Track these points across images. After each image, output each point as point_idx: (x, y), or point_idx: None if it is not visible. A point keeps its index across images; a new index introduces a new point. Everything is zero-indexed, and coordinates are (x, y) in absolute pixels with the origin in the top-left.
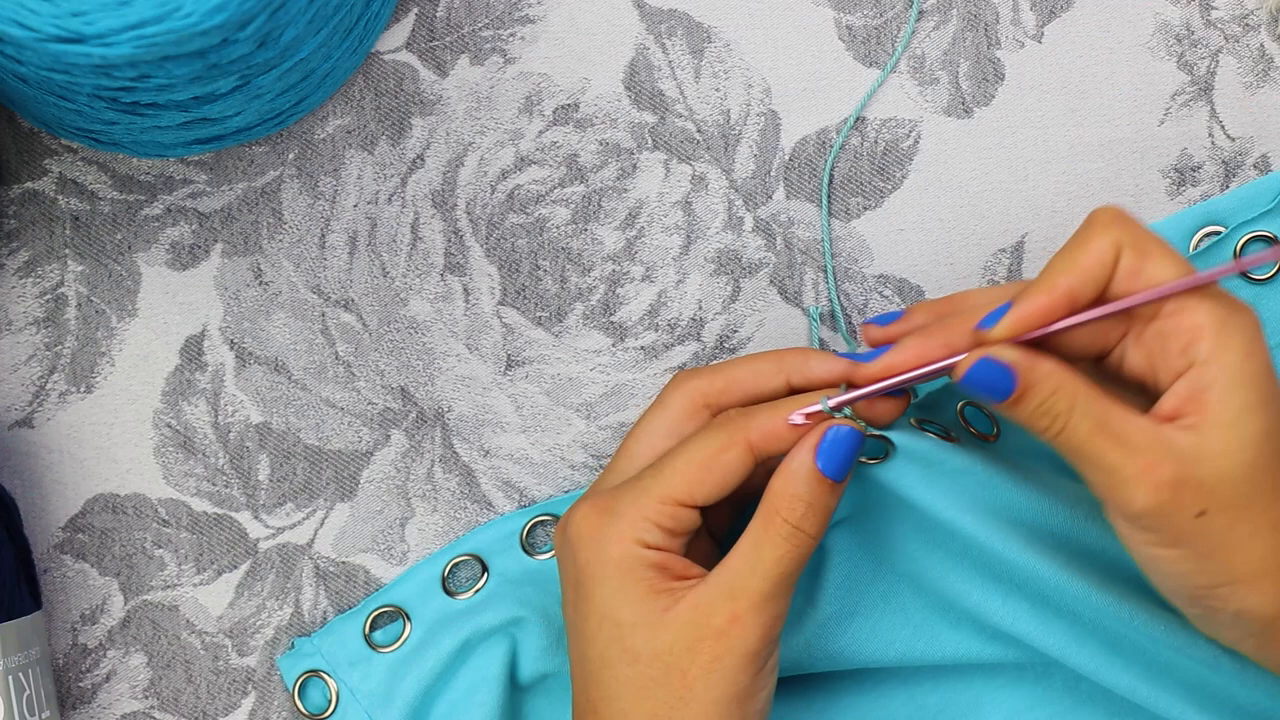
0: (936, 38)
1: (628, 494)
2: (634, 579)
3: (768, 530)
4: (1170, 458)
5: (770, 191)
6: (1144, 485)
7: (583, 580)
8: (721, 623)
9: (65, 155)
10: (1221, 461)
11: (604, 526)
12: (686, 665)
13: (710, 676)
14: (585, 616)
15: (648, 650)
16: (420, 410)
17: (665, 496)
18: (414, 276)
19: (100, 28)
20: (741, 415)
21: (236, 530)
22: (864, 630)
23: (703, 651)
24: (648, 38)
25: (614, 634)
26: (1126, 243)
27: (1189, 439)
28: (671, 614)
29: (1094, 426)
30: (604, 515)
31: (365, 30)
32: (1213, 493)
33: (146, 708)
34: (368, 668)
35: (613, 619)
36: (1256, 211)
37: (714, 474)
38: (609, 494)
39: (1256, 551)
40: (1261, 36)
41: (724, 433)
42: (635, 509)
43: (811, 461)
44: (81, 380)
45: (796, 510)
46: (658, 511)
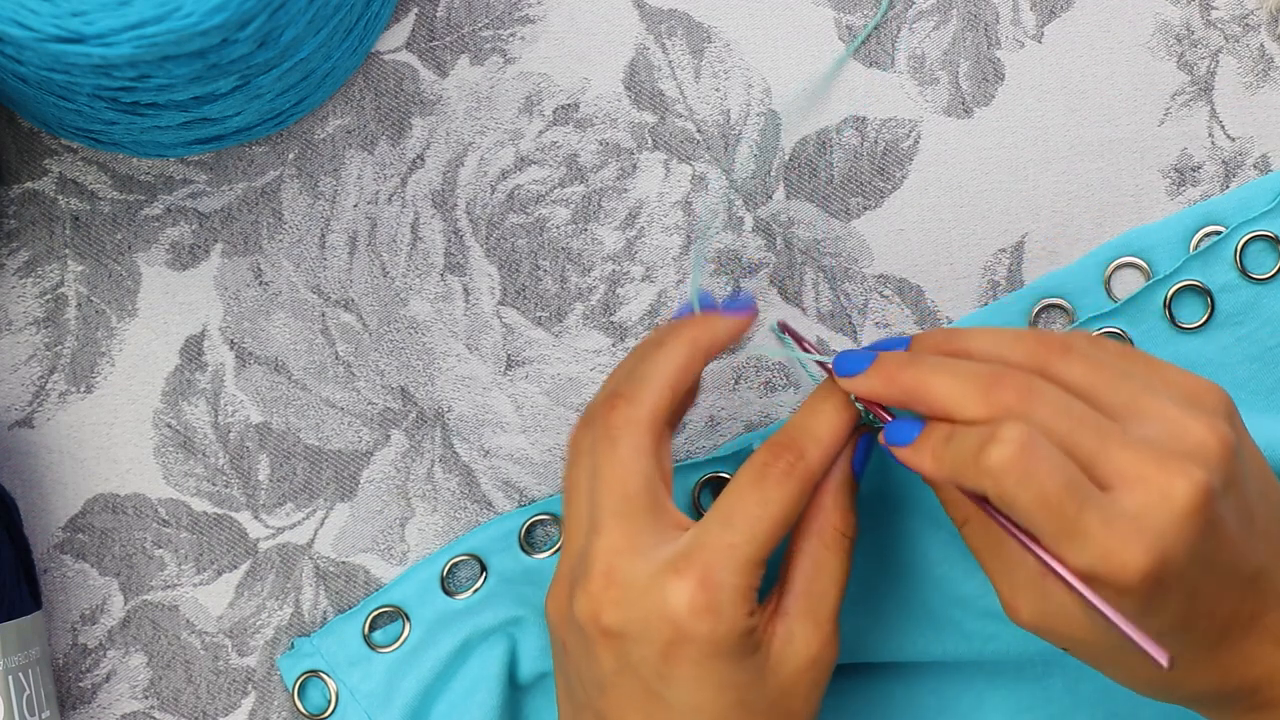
0: (936, 38)
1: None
2: (750, 646)
3: (830, 549)
4: (1037, 606)
5: (770, 191)
6: (1009, 613)
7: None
8: (817, 649)
9: (65, 155)
10: (1081, 633)
11: (714, 599)
12: (792, 701)
13: (810, 701)
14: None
15: (762, 700)
16: (420, 410)
17: (758, 561)
18: (414, 276)
19: (100, 28)
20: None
21: (236, 530)
22: (862, 626)
23: (804, 682)
24: (648, 38)
25: (734, 697)
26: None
27: (1062, 600)
28: (773, 662)
29: (980, 546)
30: (710, 589)
31: (365, 30)
32: (1073, 646)
33: (146, 708)
34: (367, 668)
35: (731, 684)
36: (1256, 211)
37: (789, 526)
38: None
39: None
40: (1261, 36)
41: (796, 483)
42: (738, 579)
43: (851, 473)
44: (81, 380)
45: (849, 523)
46: (755, 577)
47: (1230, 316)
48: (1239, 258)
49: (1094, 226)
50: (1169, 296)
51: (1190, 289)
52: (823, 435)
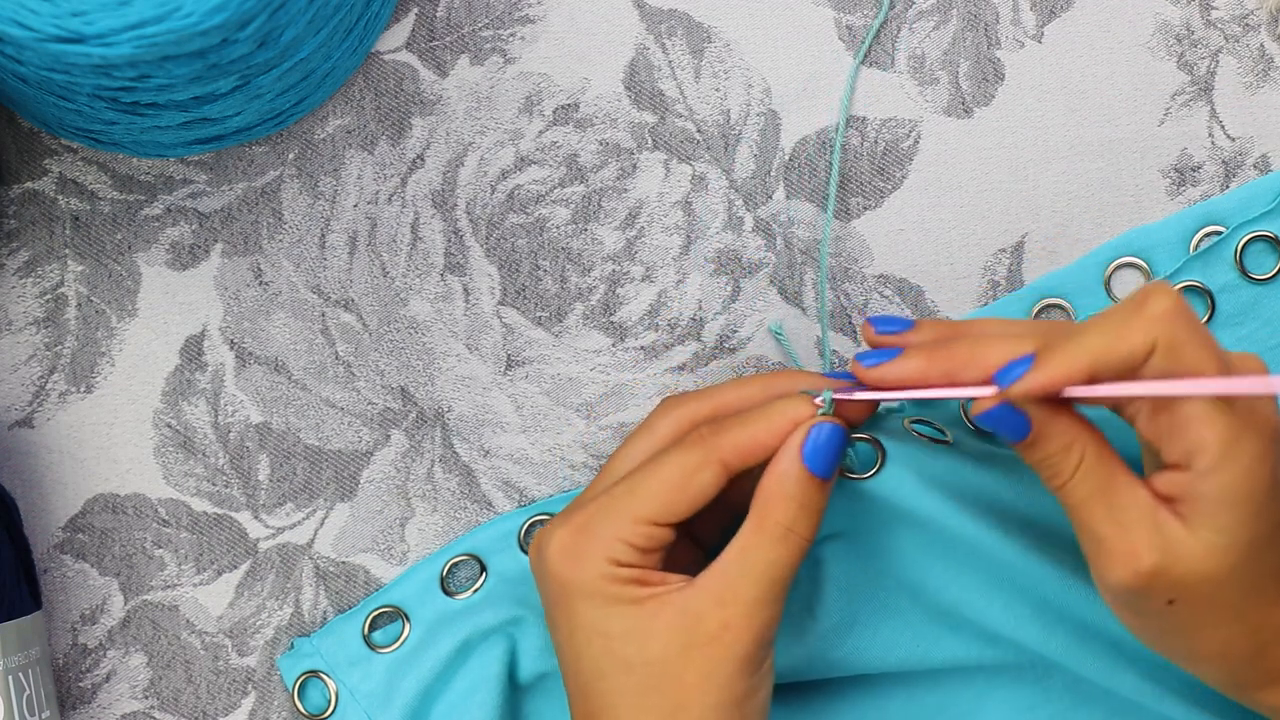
0: (936, 38)
1: (600, 513)
2: (615, 594)
3: (760, 533)
4: (1155, 547)
5: (770, 191)
6: (1124, 566)
7: (566, 598)
8: (713, 628)
9: (65, 155)
10: (1202, 563)
11: (579, 545)
12: (680, 671)
13: (706, 682)
14: (573, 632)
15: (640, 658)
16: (420, 410)
17: (638, 516)
18: (414, 276)
19: (100, 28)
20: (713, 433)
21: (236, 530)
22: (864, 638)
23: (695, 658)
24: (648, 38)
25: (604, 645)
26: (1163, 344)
27: (1177, 532)
28: (659, 621)
29: (1092, 491)
30: (578, 535)
31: (365, 30)
32: (1187, 587)
33: (146, 708)
34: (367, 668)
35: (601, 631)
36: (1257, 211)
37: (687, 494)
38: (582, 513)
39: (1216, 638)
40: (1261, 36)
41: (697, 451)
42: (609, 528)
43: (800, 462)
44: (81, 380)
45: (789, 512)
46: (631, 531)
47: (1230, 317)
48: (1239, 258)
49: (1094, 226)
50: None
51: (1190, 289)
52: (751, 419)
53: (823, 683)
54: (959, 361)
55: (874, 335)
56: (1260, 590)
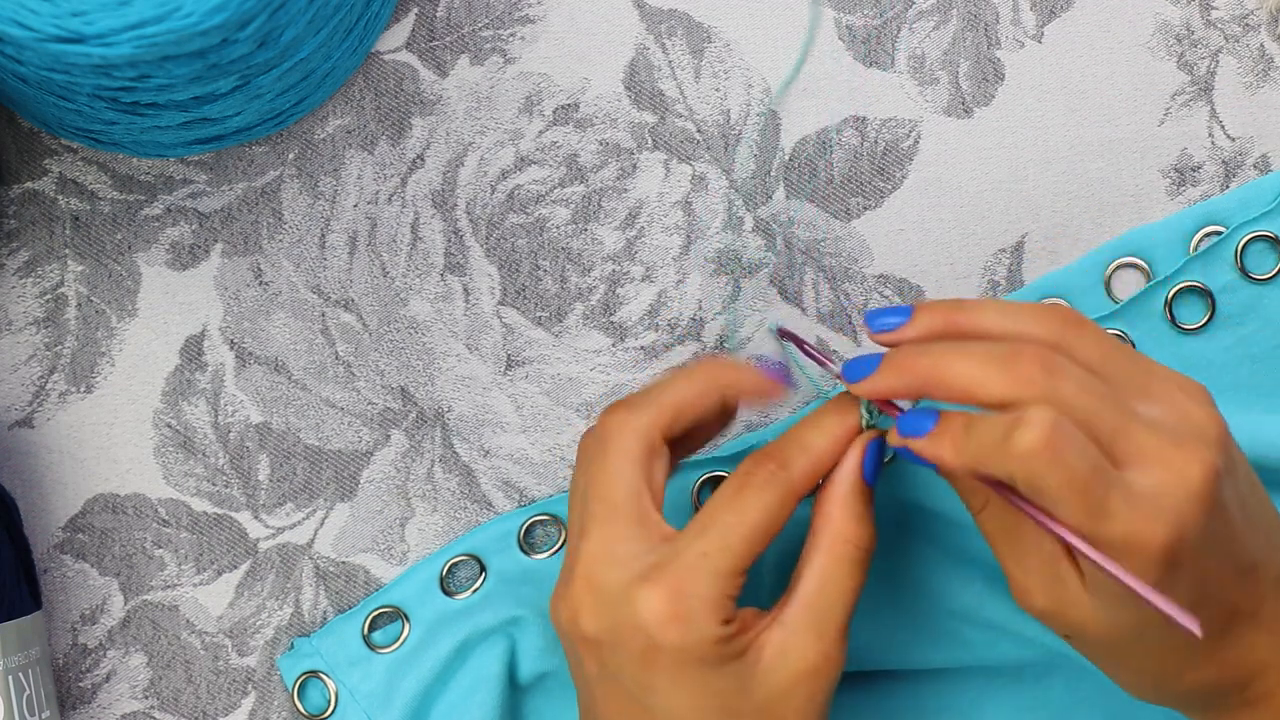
0: (936, 38)
1: (694, 573)
2: (728, 653)
3: (839, 560)
4: (1048, 594)
5: (770, 191)
6: (1021, 600)
7: (666, 663)
8: (815, 662)
9: (65, 155)
10: (1093, 623)
11: (685, 609)
12: (783, 710)
13: (807, 711)
14: (672, 695)
15: (749, 706)
16: (420, 410)
17: (735, 570)
18: (414, 276)
19: (100, 28)
20: (782, 467)
21: (236, 530)
22: (864, 638)
23: (798, 693)
24: (648, 38)
25: (715, 704)
26: (1022, 482)
27: (1073, 585)
28: (762, 668)
29: (996, 531)
30: (680, 598)
31: (365, 30)
32: (1079, 634)
33: (146, 708)
34: (367, 668)
35: (713, 690)
36: (1257, 211)
37: (771, 534)
38: (670, 571)
39: (1122, 677)
40: (1261, 36)
41: (775, 492)
42: (713, 587)
43: (862, 480)
44: (81, 380)
45: (860, 531)
46: (732, 585)
47: (1231, 317)
48: (1239, 258)
49: (1094, 226)
50: (1170, 297)
51: (1191, 290)
52: (810, 443)
53: None
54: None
55: (871, 335)
56: (1165, 659)
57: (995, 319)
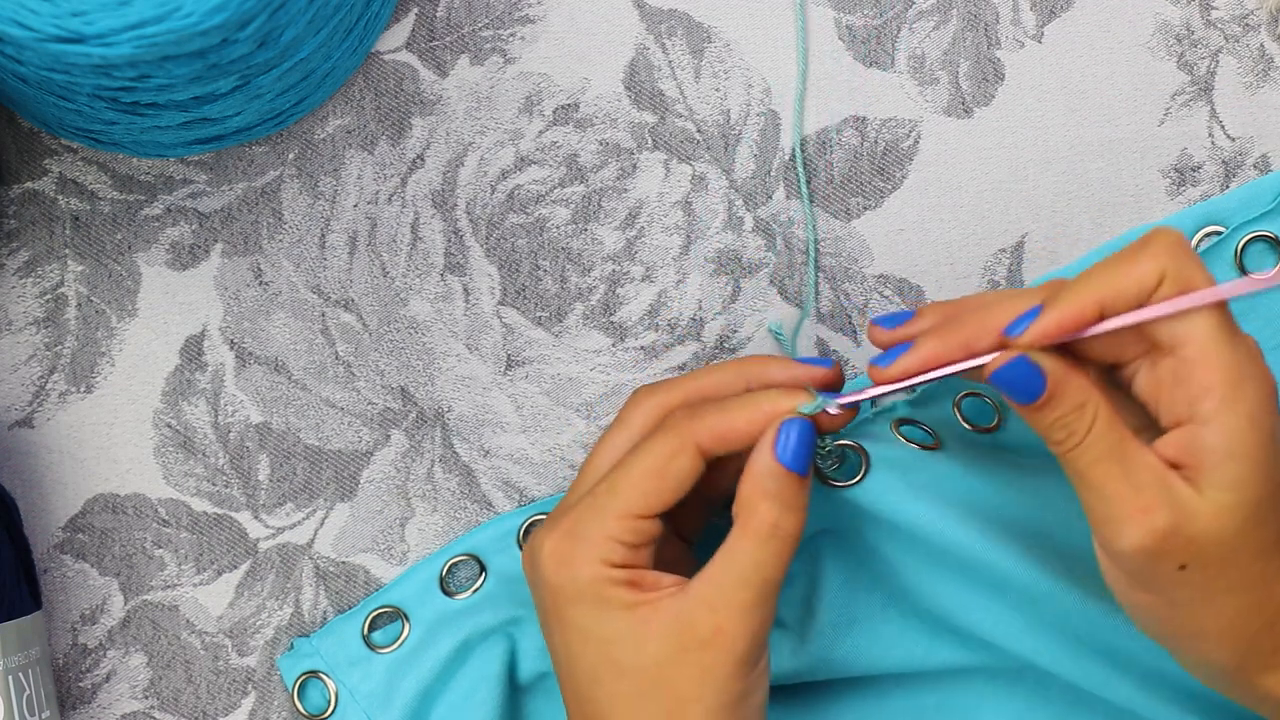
0: (936, 38)
1: (586, 514)
2: (609, 598)
3: (745, 536)
4: (1168, 506)
5: (770, 191)
6: (1138, 526)
7: (559, 604)
8: (706, 633)
9: (65, 155)
10: (1213, 522)
11: (570, 551)
12: (674, 676)
13: (701, 687)
14: (568, 638)
15: (634, 663)
16: (420, 410)
17: (623, 512)
18: (414, 276)
19: (100, 28)
20: (687, 418)
21: (236, 530)
22: (863, 640)
23: (689, 663)
24: (648, 38)
25: (599, 650)
26: (1171, 273)
27: (1187, 494)
28: (653, 626)
29: (1105, 452)
30: (567, 539)
31: (365, 30)
32: (1199, 549)
33: (146, 708)
34: (367, 668)
35: (596, 636)
36: (1257, 211)
37: (667, 481)
38: (569, 517)
39: (1226, 609)
40: (1261, 36)
41: (672, 438)
42: (597, 529)
43: (774, 459)
44: (81, 380)
45: (772, 511)
46: (619, 528)
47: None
48: (1239, 258)
49: (1094, 226)
50: None
51: None
52: (729, 406)
53: (823, 683)
54: (970, 332)
55: (885, 335)
56: (1268, 558)
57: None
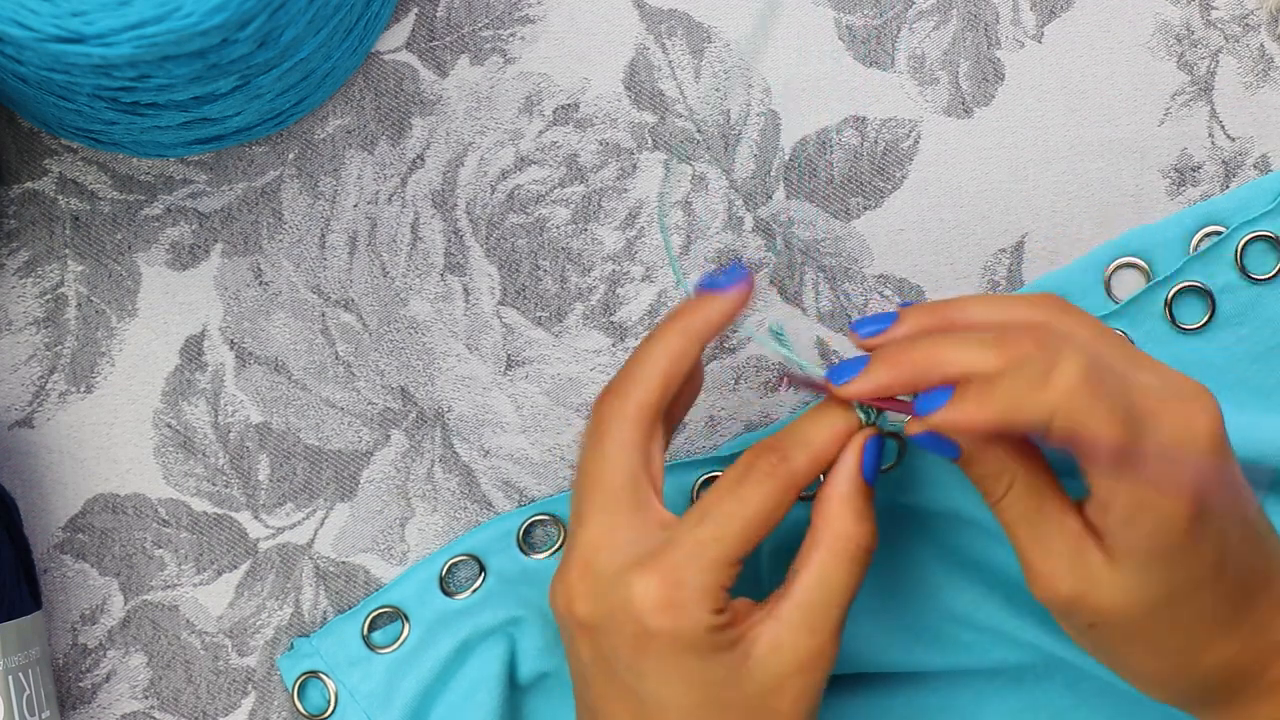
0: (936, 38)
1: (689, 561)
2: (718, 642)
3: (837, 557)
4: (1073, 576)
5: (770, 191)
6: (1042, 589)
7: (657, 650)
8: (808, 657)
9: (65, 155)
10: (1119, 598)
11: (678, 597)
12: (776, 703)
13: (799, 705)
14: (665, 683)
15: (738, 699)
16: (420, 410)
17: (730, 559)
18: (414, 276)
19: (100, 28)
20: (782, 461)
21: (236, 530)
22: (865, 635)
23: (791, 687)
24: (648, 38)
25: (703, 693)
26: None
27: (1097, 563)
28: (754, 661)
29: (1019, 516)
30: (673, 586)
31: (365, 30)
32: (1106, 616)
33: (146, 708)
34: (367, 668)
35: (701, 680)
36: (1257, 211)
37: (770, 526)
38: (665, 558)
39: (1149, 666)
40: (1261, 36)
41: (775, 485)
42: (706, 576)
43: (861, 479)
44: (81, 380)
45: (860, 529)
46: (726, 575)
47: (1231, 317)
48: (1239, 258)
49: (1094, 226)
50: (1169, 297)
51: (1191, 290)
52: (812, 439)
53: None
54: (918, 367)
55: (859, 342)
56: (1189, 632)
57: (984, 310)
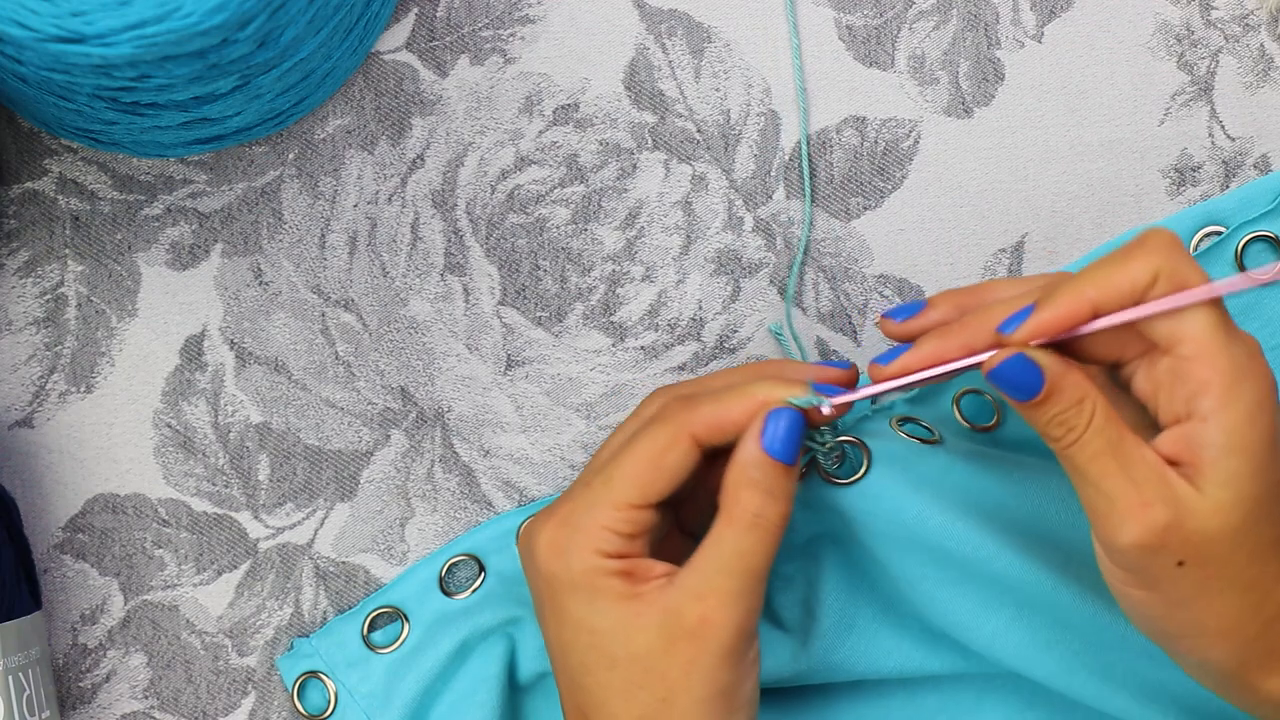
0: (936, 38)
1: (582, 504)
2: (602, 589)
3: (729, 524)
4: (1167, 502)
5: (770, 191)
6: (1136, 522)
7: (553, 593)
8: (692, 623)
9: (65, 155)
10: (1211, 519)
11: (565, 540)
12: (665, 667)
13: (690, 677)
14: (561, 627)
15: (625, 654)
16: (420, 410)
17: (618, 502)
18: (414, 276)
19: (100, 28)
20: (683, 408)
21: (236, 530)
22: (862, 644)
23: (678, 653)
24: (648, 38)
25: (590, 641)
26: (1165, 273)
27: (1186, 490)
28: (644, 618)
29: (1103, 448)
30: (563, 528)
31: (365, 30)
32: (1197, 546)
33: (146, 708)
34: (366, 669)
35: (588, 627)
36: (1257, 212)
37: (662, 472)
38: (565, 506)
39: (1225, 609)
40: (1261, 36)
41: (667, 428)
42: (591, 519)
43: (759, 448)
44: (81, 380)
45: (755, 499)
46: (613, 518)
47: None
48: (1239, 258)
49: (1094, 226)
50: None
51: None
52: (723, 396)
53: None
54: (971, 332)
55: (895, 328)
56: (1266, 559)
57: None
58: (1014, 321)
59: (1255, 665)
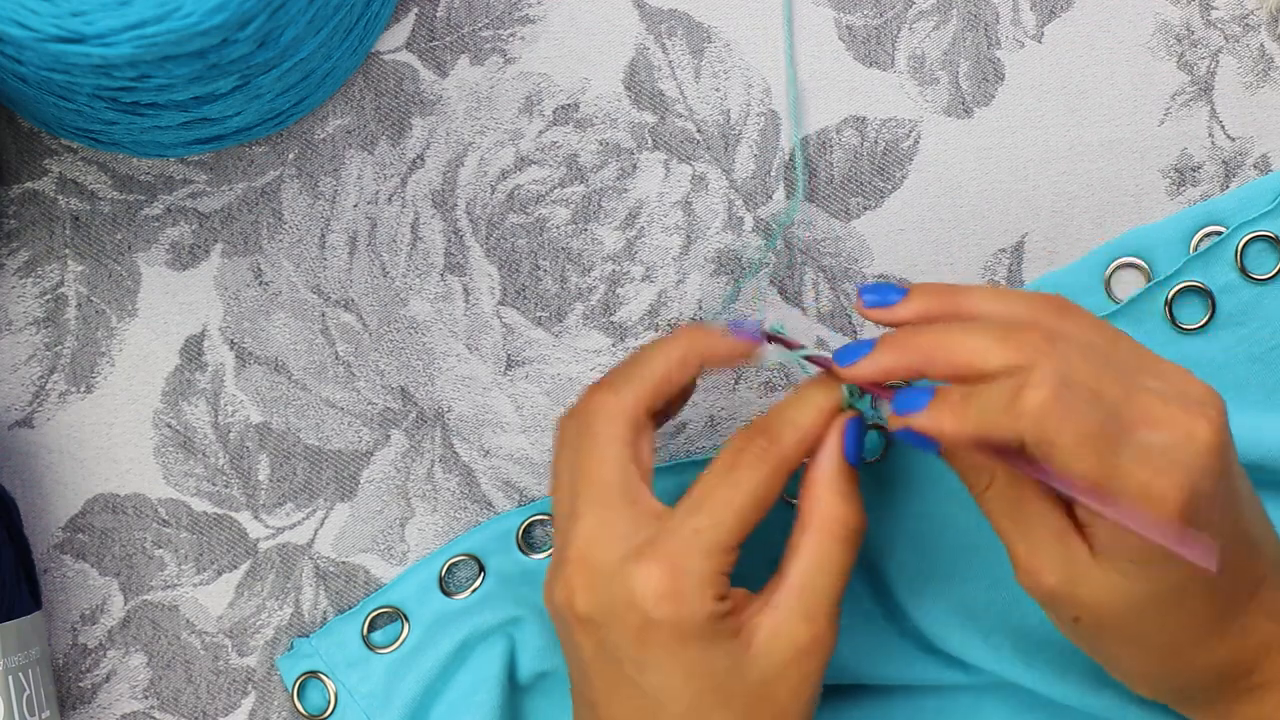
0: (936, 38)
1: (689, 548)
2: (721, 631)
3: (828, 540)
4: (1057, 569)
5: (770, 191)
6: (1027, 579)
7: (660, 640)
8: (805, 643)
9: (65, 155)
10: (1104, 594)
11: (681, 585)
12: (776, 691)
13: (798, 698)
14: (665, 673)
15: (740, 689)
16: (420, 410)
17: (728, 545)
18: (414, 276)
19: (100, 28)
20: (772, 443)
21: (236, 530)
22: (861, 648)
23: (790, 675)
24: (648, 38)
25: (705, 683)
26: (1031, 443)
27: (1082, 558)
28: (755, 649)
29: (1003, 509)
30: (675, 574)
31: (365, 30)
32: (1090, 609)
33: (146, 708)
34: (366, 669)
35: (703, 671)
36: (1257, 211)
37: (763, 510)
38: (665, 547)
39: (1129, 662)
40: (1261, 36)
41: (766, 468)
42: (706, 563)
43: (844, 460)
44: (81, 380)
45: (847, 511)
46: (725, 562)
47: (1231, 317)
48: (1239, 258)
49: (1094, 226)
50: (1170, 297)
51: (1191, 290)
52: (799, 419)
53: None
54: (924, 354)
55: (864, 311)
56: (1177, 634)
57: (990, 303)
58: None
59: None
